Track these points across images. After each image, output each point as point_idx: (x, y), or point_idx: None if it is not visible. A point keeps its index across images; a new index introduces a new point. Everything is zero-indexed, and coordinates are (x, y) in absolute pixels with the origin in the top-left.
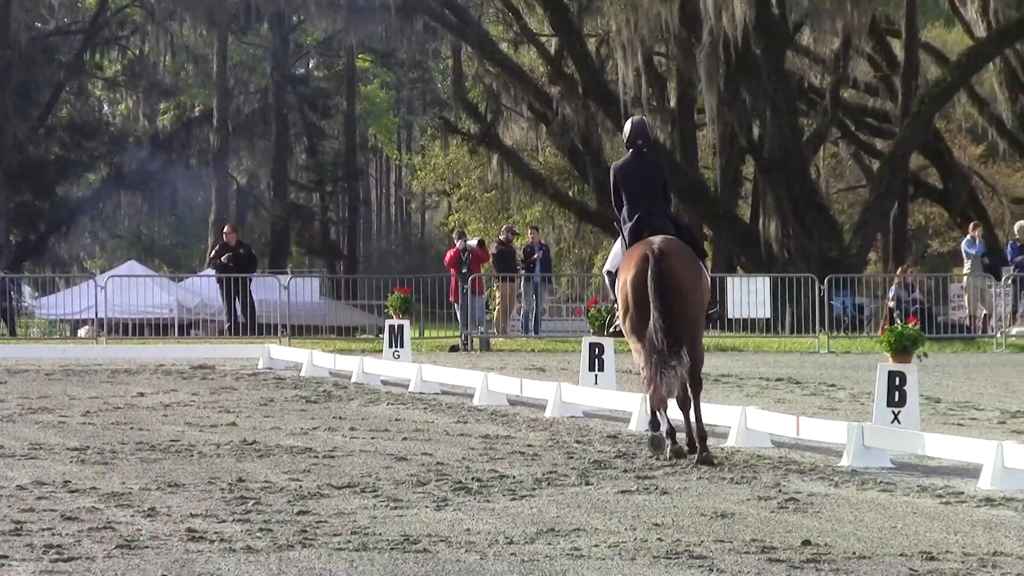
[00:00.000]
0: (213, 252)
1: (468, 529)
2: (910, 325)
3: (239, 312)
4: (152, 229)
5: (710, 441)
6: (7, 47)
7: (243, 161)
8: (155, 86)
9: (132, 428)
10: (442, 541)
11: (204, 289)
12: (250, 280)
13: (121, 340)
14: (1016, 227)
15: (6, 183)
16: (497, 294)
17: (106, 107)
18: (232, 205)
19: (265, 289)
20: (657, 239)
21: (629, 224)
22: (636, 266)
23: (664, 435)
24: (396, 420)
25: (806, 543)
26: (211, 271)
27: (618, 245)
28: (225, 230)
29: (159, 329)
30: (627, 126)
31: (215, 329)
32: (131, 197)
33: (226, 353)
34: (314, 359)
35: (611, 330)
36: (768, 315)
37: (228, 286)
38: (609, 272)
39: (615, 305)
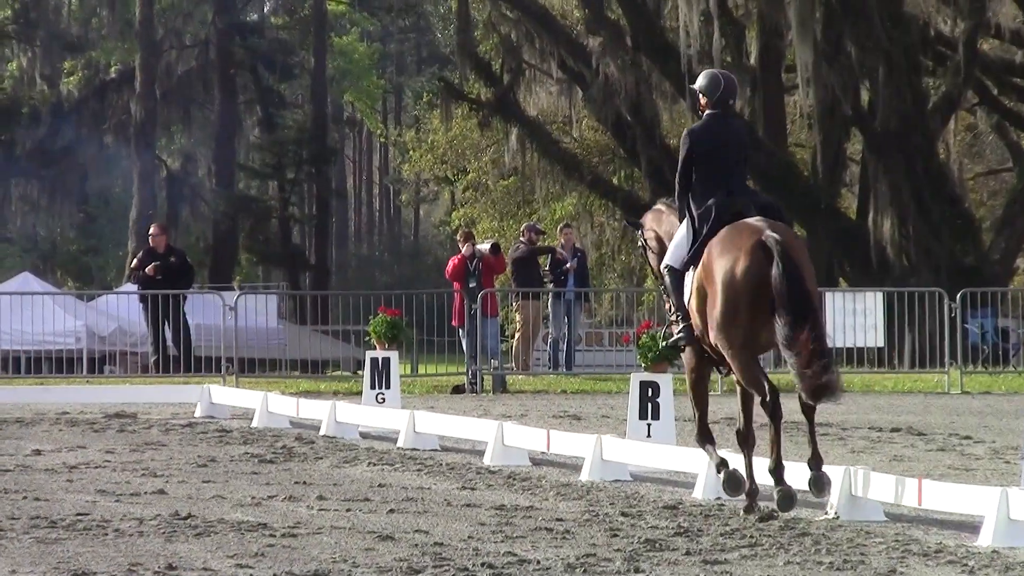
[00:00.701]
0: (135, 261)
1: None
2: None
3: (169, 341)
4: (53, 230)
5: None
6: None
7: (176, 139)
8: (57, 39)
9: (25, 498)
10: None
11: (123, 311)
12: (184, 298)
13: (11, 379)
14: None
15: None
16: (517, 316)
17: None
18: (161, 197)
19: (204, 310)
20: (764, 224)
21: (703, 206)
22: (750, 257)
23: (743, 475)
24: (380, 486)
25: None
26: (132, 286)
27: (683, 232)
28: (151, 231)
29: (62, 365)
30: (709, 79)
31: (137, 365)
32: (24, 187)
33: (152, 397)
34: (270, 404)
35: (667, 343)
36: (881, 343)
37: (155, 306)
38: (672, 268)
39: (675, 314)
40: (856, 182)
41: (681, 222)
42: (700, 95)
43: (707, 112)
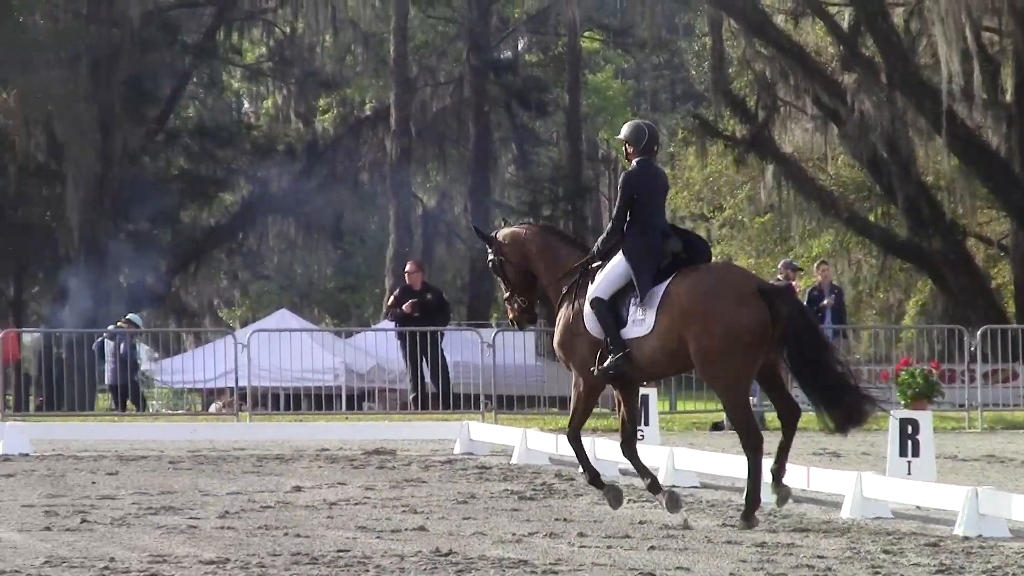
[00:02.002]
0: (392, 299)
1: None
2: None
3: (427, 378)
4: (309, 267)
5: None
6: (114, 25)
7: (431, 176)
8: (312, 76)
9: (286, 534)
10: None
11: (380, 348)
12: (441, 336)
13: (270, 416)
14: None
15: (113, 207)
16: None
17: (246, 104)
18: (417, 236)
19: (463, 348)
20: (745, 272)
21: (644, 245)
22: (753, 303)
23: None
24: (640, 523)
25: None
26: (389, 323)
27: (620, 267)
28: (407, 268)
29: (320, 402)
30: (635, 130)
31: (396, 401)
32: (281, 224)
33: (411, 433)
34: (529, 441)
35: (602, 367)
36: None
37: (413, 343)
38: (600, 299)
39: (607, 343)
40: None
41: (607, 258)
42: (627, 144)
43: (637, 159)
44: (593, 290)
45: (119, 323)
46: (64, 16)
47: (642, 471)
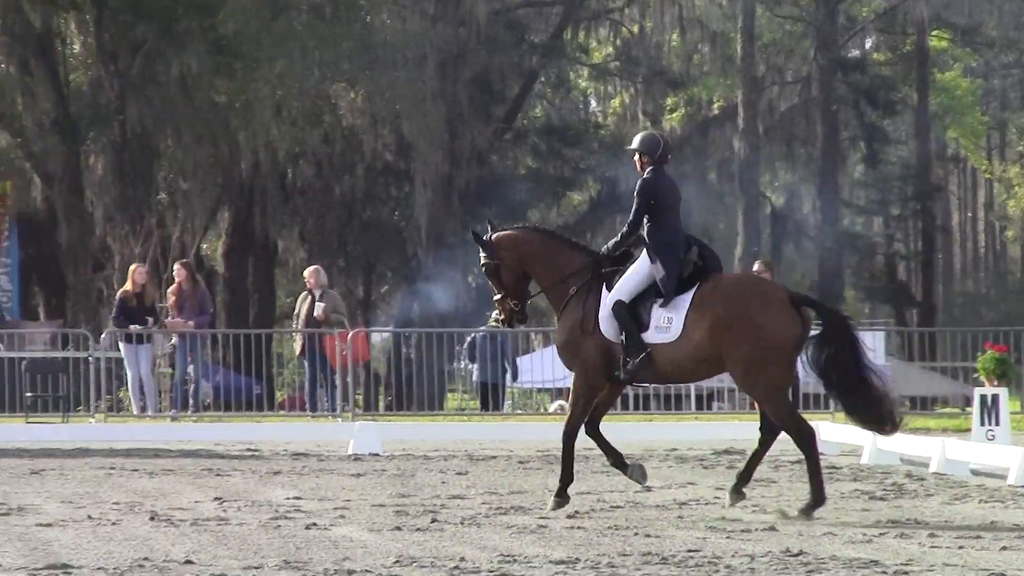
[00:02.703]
0: None
1: None
2: None
3: None
4: None
5: None
6: (461, 25)
7: (779, 175)
8: (659, 75)
9: (636, 534)
10: None
11: None
12: None
13: (620, 415)
14: None
15: (461, 206)
16: None
17: (594, 103)
18: (766, 234)
19: None
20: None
21: (670, 252)
22: (791, 310)
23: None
24: (991, 523)
25: None
26: None
27: (643, 270)
28: (755, 268)
29: (670, 402)
30: (650, 140)
31: (744, 401)
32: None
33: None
34: (878, 441)
35: (627, 371)
36: None
37: None
38: (622, 303)
39: (624, 346)
40: None
41: (619, 262)
42: (641, 154)
43: (651, 168)
44: (615, 293)
45: (492, 322)
46: (411, 16)
47: (605, 448)
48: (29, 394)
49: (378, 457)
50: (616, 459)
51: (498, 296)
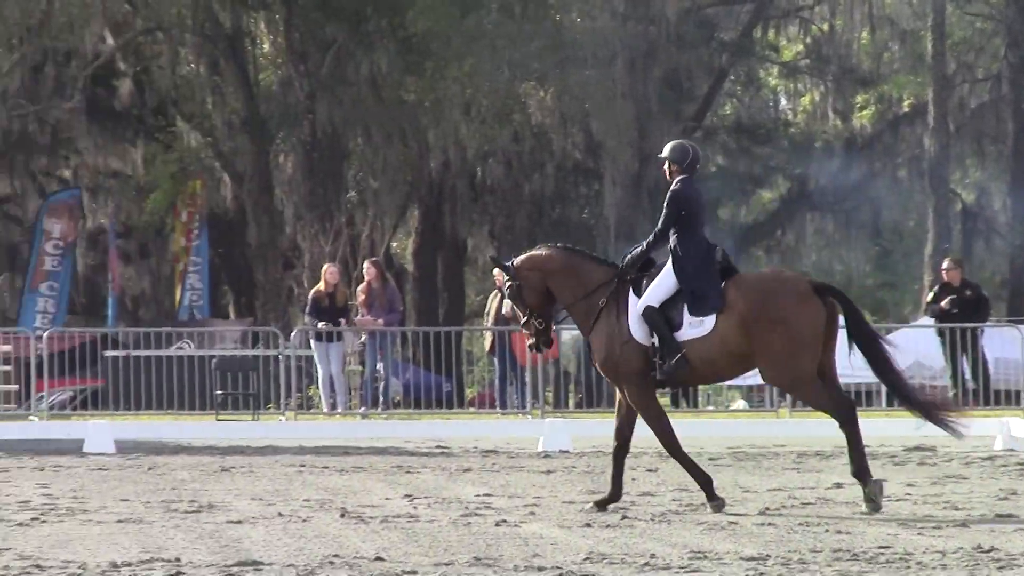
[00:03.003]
0: (931, 295)
1: None
2: None
3: (967, 375)
4: (848, 264)
5: None
6: (650, 23)
7: (970, 172)
8: (849, 73)
9: (826, 530)
10: None
11: (919, 345)
12: (981, 332)
13: (809, 413)
14: None
15: (651, 204)
16: None
17: (784, 101)
18: (956, 231)
19: (1003, 344)
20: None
21: (697, 249)
22: (818, 303)
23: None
24: None
25: None
26: (928, 320)
27: (670, 275)
28: (944, 265)
29: (860, 398)
30: (680, 150)
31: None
32: (819, 221)
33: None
34: None
35: (664, 370)
36: None
37: (952, 340)
38: (652, 307)
39: (658, 348)
40: None
41: (644, 269)
42: (670, 163)
43: (680, 177)
44: (644, 299)
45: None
46: (601, 15)
47: (616, 476)
48: (219, 392)
49: (568, 454)
50: (614, 494)
51: (524, 319)
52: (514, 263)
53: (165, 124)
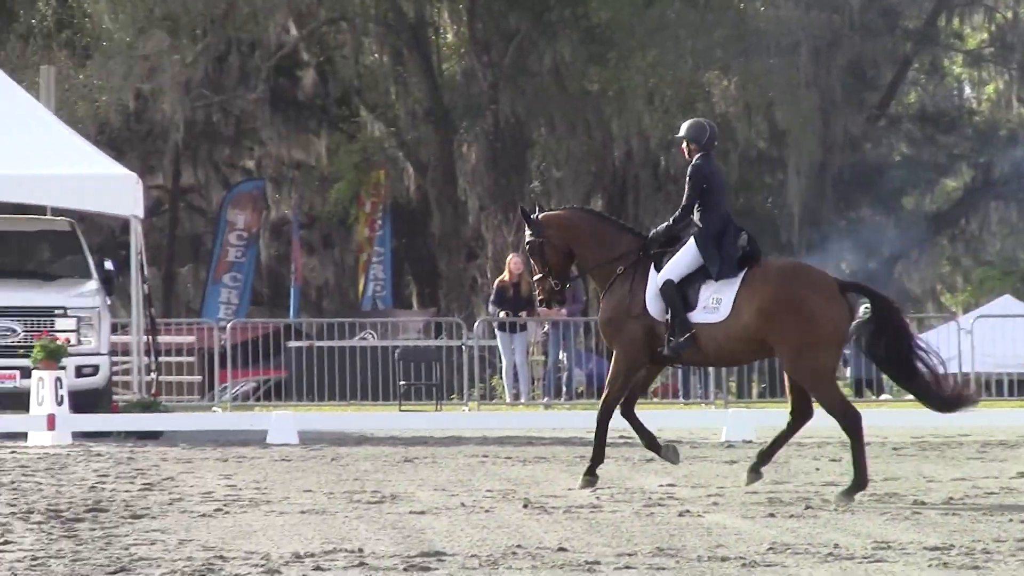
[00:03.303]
0: None
1: None
2: None
3: None
4: None
5: None
6: (834, 12)
7: None
8: None
9: (1011, 520)
10: None
11: None
12: None
13: (995, 401)
14: None
15: (835, 194)
16: None
17: (968, 90)
18: None
19: None
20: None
21: (715, 228)
22: (841, 300)
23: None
24: None
25: None
26: None
27: (692, 250)
28: None
29: (989, 386)
30: (697, 128)
31: None
32: (1003, 210)
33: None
34: None
35: (671, 347)
36: None
37: None
38: (671, 282)
39: (670, 325)
40: None
41: (669, 244)
42: (688, 142)
43: (699, 155)
44: (664, 272)
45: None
46: (784, 3)
47: (639, 430)
48: (402, 382)
49: (751, 444)
50: (649, 441)
51: (538, 276)
52: (539, 219)
53: (348, 114)
